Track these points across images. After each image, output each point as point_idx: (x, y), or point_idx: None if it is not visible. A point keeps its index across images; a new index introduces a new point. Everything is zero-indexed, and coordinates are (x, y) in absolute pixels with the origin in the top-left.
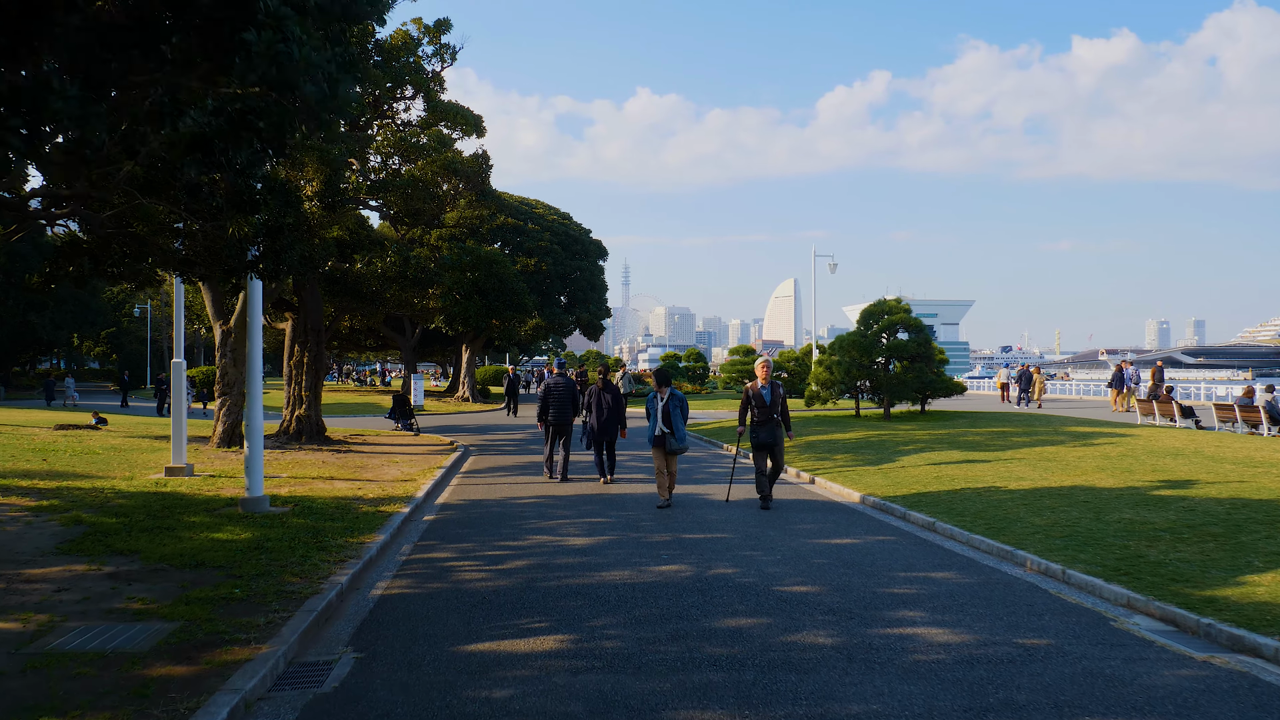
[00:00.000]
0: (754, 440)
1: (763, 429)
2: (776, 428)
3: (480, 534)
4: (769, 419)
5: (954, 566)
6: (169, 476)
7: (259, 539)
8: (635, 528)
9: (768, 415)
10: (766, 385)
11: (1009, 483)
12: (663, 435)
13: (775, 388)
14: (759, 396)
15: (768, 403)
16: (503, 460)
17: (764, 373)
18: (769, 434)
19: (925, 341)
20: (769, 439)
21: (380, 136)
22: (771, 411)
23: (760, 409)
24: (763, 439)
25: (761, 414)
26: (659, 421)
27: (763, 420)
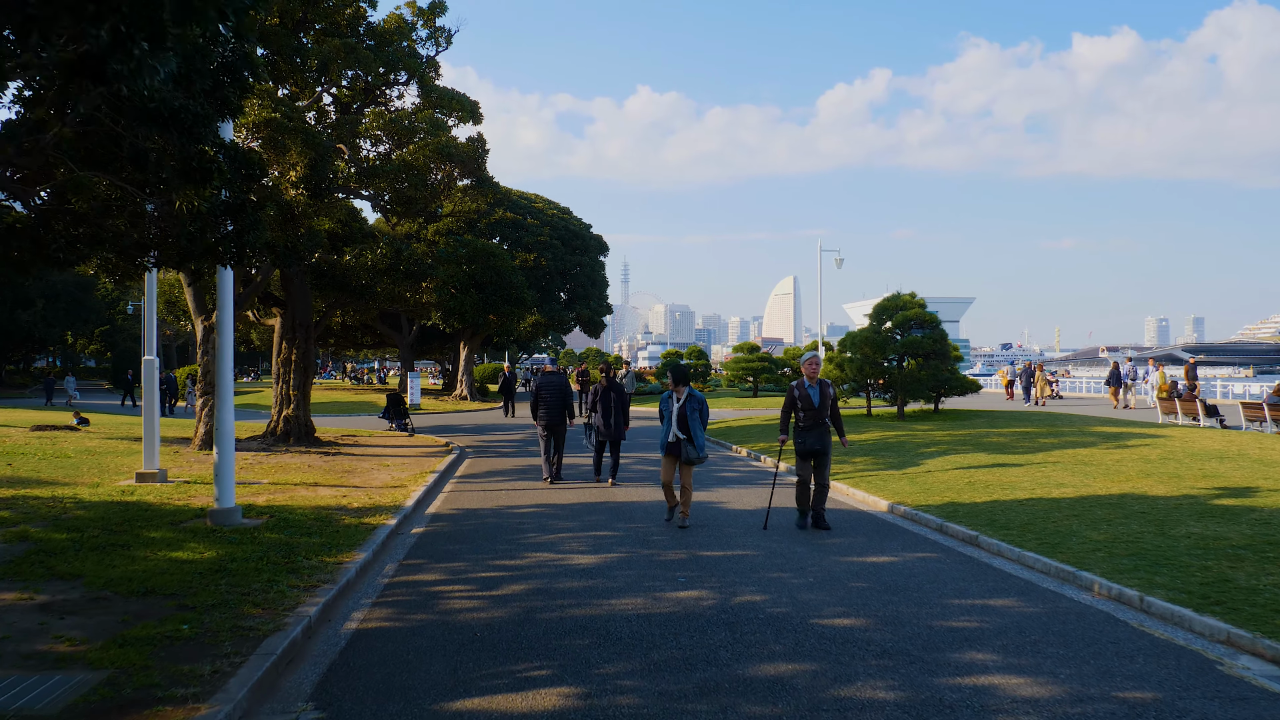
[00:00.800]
0: (799, 446)
1: (810, 434)
2: (826, 433)
3: (474, 550)
4: (817, 423)
5: (1012, 591)
6: (139, 483)
7: (223, 559)
8: (646, 543)
9: (816, 419)
10: (815, 385)
11: (1050, 490)
12: (678, 442)
13: (825, 387)
14: (806, 397)
15: (816, 404)
16: (500, 463)
17: (812, 370)
18: (817, 440)
19: (941, 338)
20: (817, 445)
21: (370, 119)
22: (821, 414)
23: (808, 411)
24: (810, 445)
25: (809, 417)
26: (674, 425)
27: (810, 424)
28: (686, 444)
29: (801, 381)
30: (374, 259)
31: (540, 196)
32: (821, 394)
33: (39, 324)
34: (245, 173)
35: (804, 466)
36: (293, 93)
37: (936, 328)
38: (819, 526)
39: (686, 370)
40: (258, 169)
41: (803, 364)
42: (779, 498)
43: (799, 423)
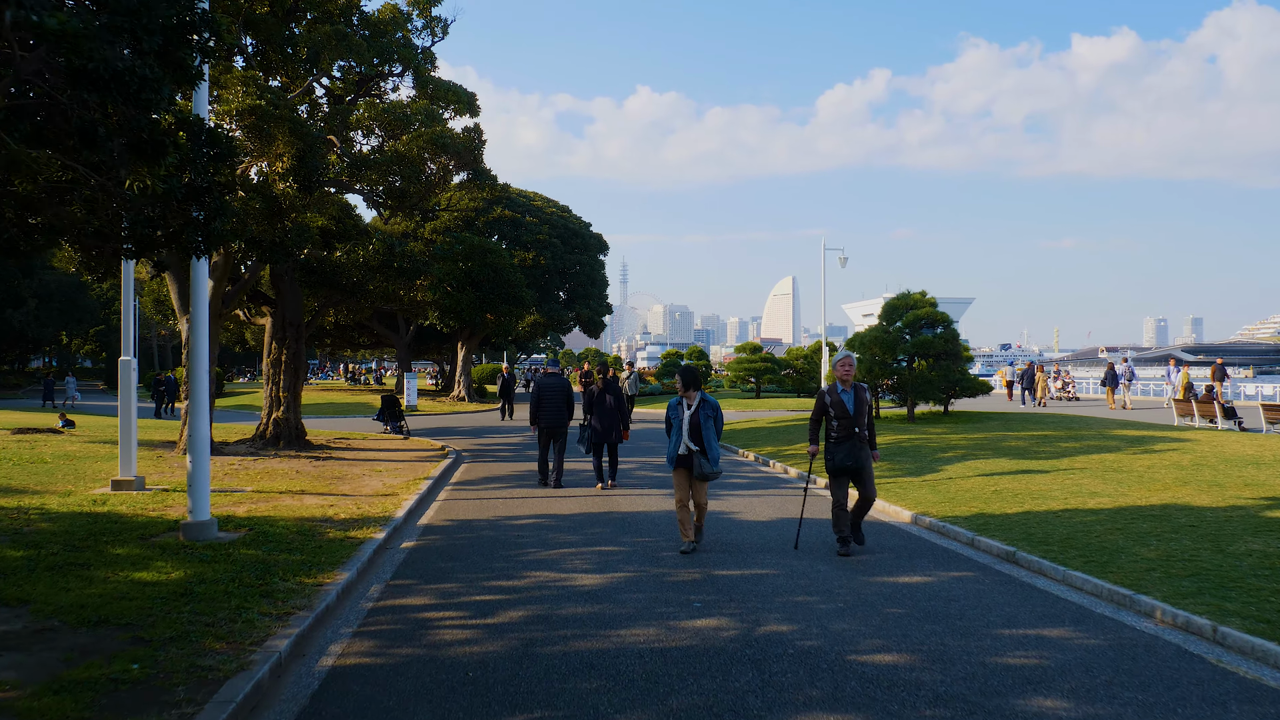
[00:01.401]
0: (831, 463)
1: (844, 448)
2: (862, 446)
3: (468, 568)
4: (852, 434)
5: (1065, 618)
6: (114, 491)
7: (191, 580)
8: (655, 559)
9: (850, 430)
10: (849, 390)
11: (1084, 500)
12: (689, 454)
13: (860, 392)
14: (839, 404)
15: (851, 412)
16: (497, 469)
17: (845, 373)
18: (851, 454)
19: (952, 337)
20: (852, 461)
21: (363, 109)
22: (855, 424)
23: (841, 421)
24: (843, 461)
25: (843, 428)
26: (684, 436)
27: (844, 436)
28: (699, 456)
29: (833, 386)
30: (366, 256)
31: (539, 195)
32: (857, 400)
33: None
34: (212, 151)
35: (839, 486)
36: (284, 84)
37: (948, 327)
38: (856, 540)
39: (698, 373)
40: (226, 148)
41: (834, 366)
42: (811, 508)
43: (830, 434)
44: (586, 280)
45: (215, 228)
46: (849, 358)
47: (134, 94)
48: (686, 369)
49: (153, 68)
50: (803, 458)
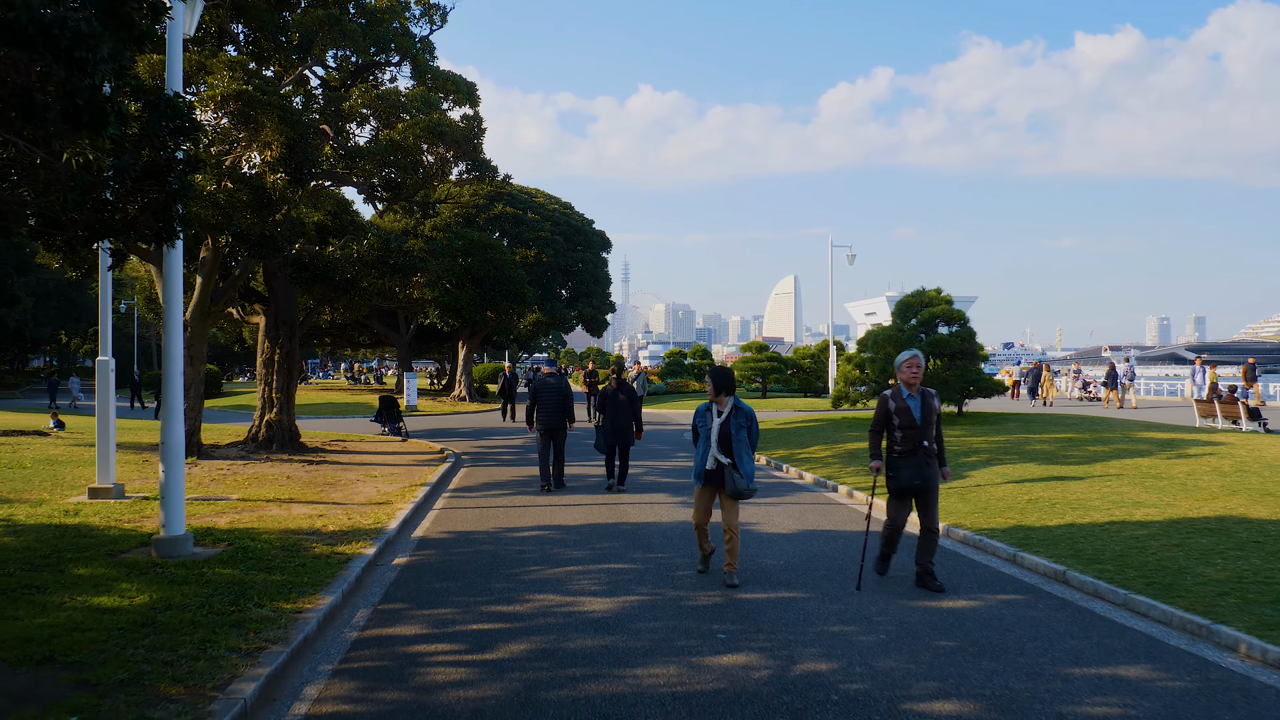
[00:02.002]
0: (895, 481)
1: (910, 463)
2: (930, 462)
3: (465, 589)
4: (918, 448)
5: (1139, 653)
6: (90, 500)
7: (156, 606)
8: (671, 579)
9: (918, 442)
10: (916, 395)
11: (1130, 511)
12: (719, 469)
13: (928, 398)
14: (905, 411)
15: (919, 422)
16: (498, 473)
17: (913, 375)
18: (918, 471)
19: (969, 336)
20: (919, 479)
21: (356, 95)
22: (923, 436)
23: (907, 431)
24: (909, 479)
25: (908, 439)
26: (714, 447)
27: (911, 449)
28: (731, 471)
29: (898, 389)
30: (360, 251)
31: (541, 191)
32: (925, 408)
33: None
34: (171, 124)
35: (900, 508)
36: (277, 73)
37: (964, 325)
38: (926, 585)
39: (732, 376)
40: (187, 120)
41: (900, 366)
42: (833, 519)
43: (894, 446)
44: (589, 278)
45: (179, 212)
46: (916, 357)
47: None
48: (719, 370)
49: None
50: (819, 462)
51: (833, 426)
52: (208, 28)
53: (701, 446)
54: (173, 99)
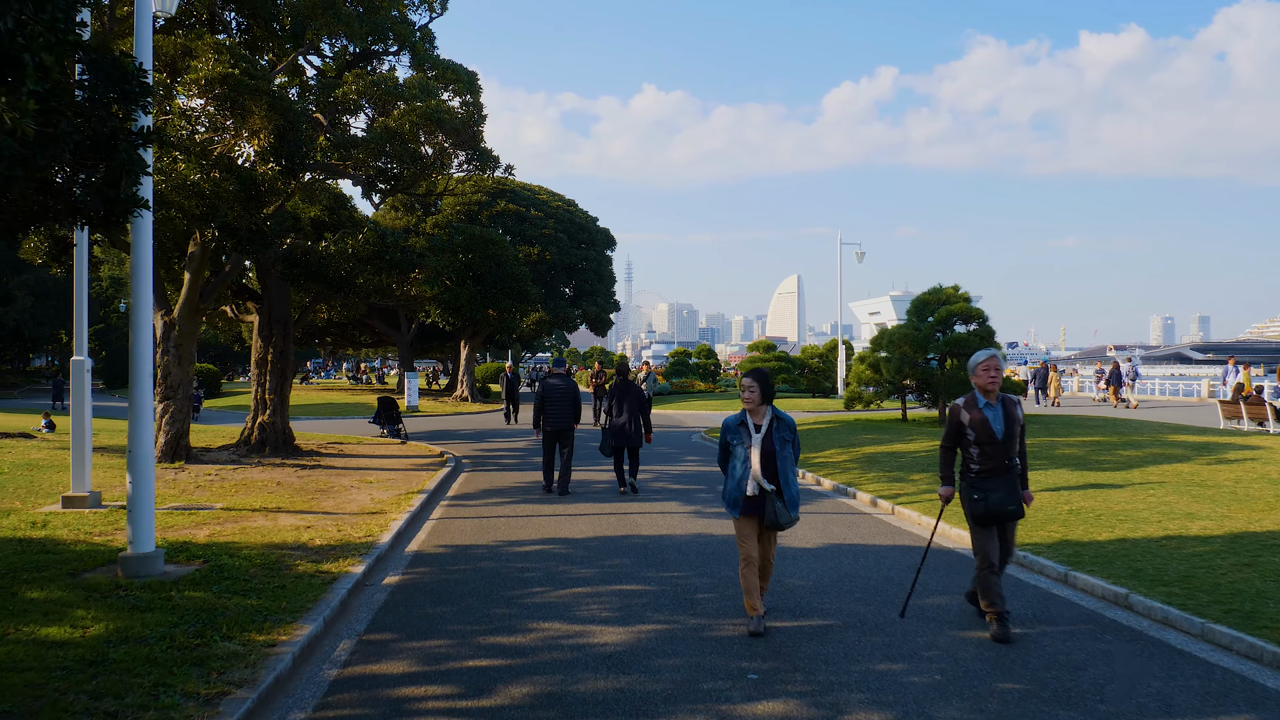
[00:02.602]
0: (981, 505)
1: (994, 484)
2: (1014, 483)
3: (462, 616)
4: (1003, 467)
5: (1237, 699)
6: (63, 509)
7: (111, 638)
8: (689, 604)
9: (1000, 460)
10: (996, 404)
11: (1185, 524)
12: (761, 496)
13: (1011, 407)
14: (983, 424)
15: (1000, 436)
16: (500, 479)
17: (992, 380)
18: (1008, 493)
19: (987, 335)
20: (1010, 504)
21: (350, 81)
22: (1006, 453)
23: (986, 447)
24: (998, 503)
25: (989, 456)
26: (754, 467)
27: (992, 469)
28: (774, 499)
29: (973, 398)
30: (355, 246)
31: (544, 188)
32: (1008, 419)
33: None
34: (118, 90)
35: (987, 537)
36: (270, 63)
37: (983, 324)
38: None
39: (770, 379)
40: (137, 83)
41: (976, 370)
42: (858, 530)
43: (969, 466)
44: (593, 276)
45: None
46: (994, 358)
47: None
48: (761, 374)
49: None
50: (836, 467)
51: (847, 429)
52: (197, 12)
53: (738, 468)
54: (119, 58)
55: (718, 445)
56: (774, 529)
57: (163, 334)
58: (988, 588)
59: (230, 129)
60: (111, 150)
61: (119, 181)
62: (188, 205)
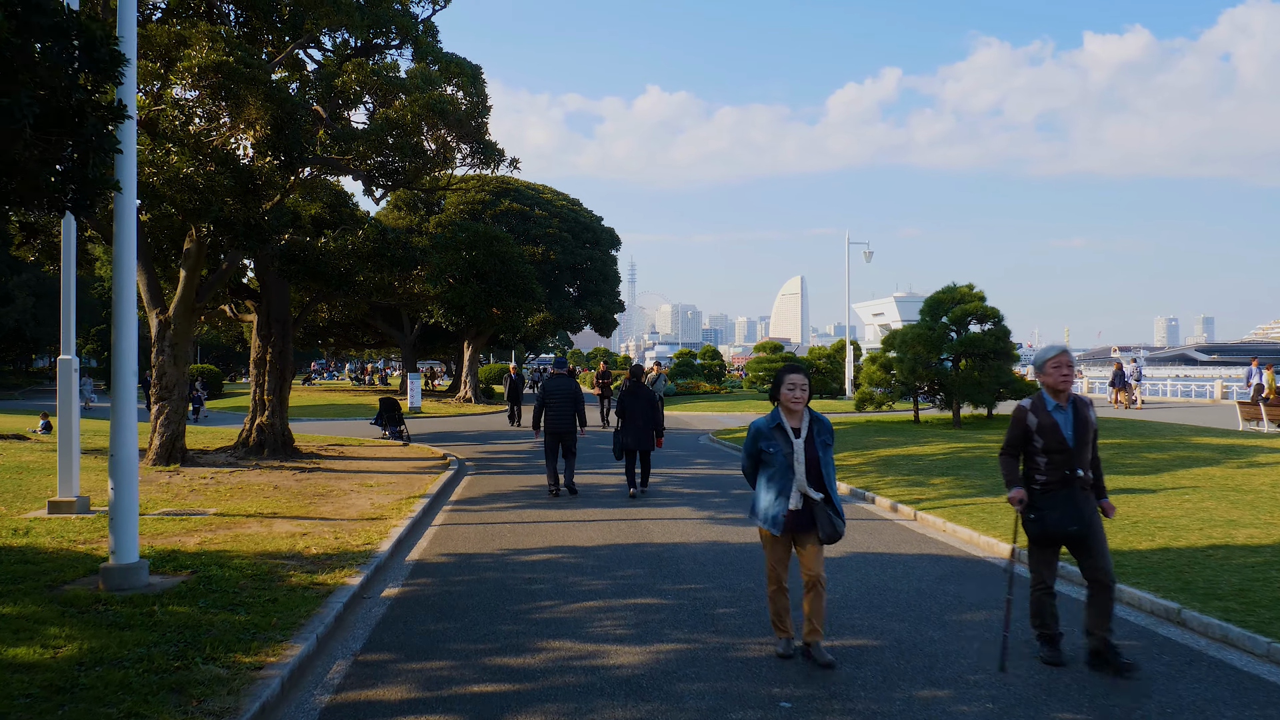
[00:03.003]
0: (1038, 525)
1: (1057, 500)
2: (1086, 498)
3: (465, 633)
4: (1070, 478)
5: None
6: (49, 515)
7: (85, 660)
8: (709, 620)
9: (1070, 469)
10: (1066, 406)
11: (1228, 532)
12: (806, 510)
13: (1083, 409)
14: (1051, 428)
15: (1070, 443)
16: (504, 482)
17: (1065, 379)
18: (1072, 512)
19: (1003, 335)
20: (1075, 523)
21: (350, 70)
22: (1076, 461)
23: (1055, 455)
24: (1058, 523)
25: (1056, 467)
26: (798, 477)
27: (1058, 480)
28: (824, 509)
29: (1039, 399)
30: (355, 243)
31: (549, 187)
32: (1079, 422)
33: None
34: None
35: (1047, 562)
36: (270, 55)
37: (999, 323)
38: (1109, 666)
39: (806, 373)
40: (106, 51)
41: (1045, 367)
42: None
43: (1034, 475)
44: (598, 276)
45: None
46: (1065, 355)
47: None
48: (789, 369)
49: None
50: (852, 470)
51: (859, 430)
52: (194, 4)
53: (774, 479)
54: (84, 22)
55: (743, 453)
56: (830, 541)
57: (158, 333)
58: (1040, 609)
59: (225, 120)
60: (78, 126)
61: (87, 161)
62: (181, 199)
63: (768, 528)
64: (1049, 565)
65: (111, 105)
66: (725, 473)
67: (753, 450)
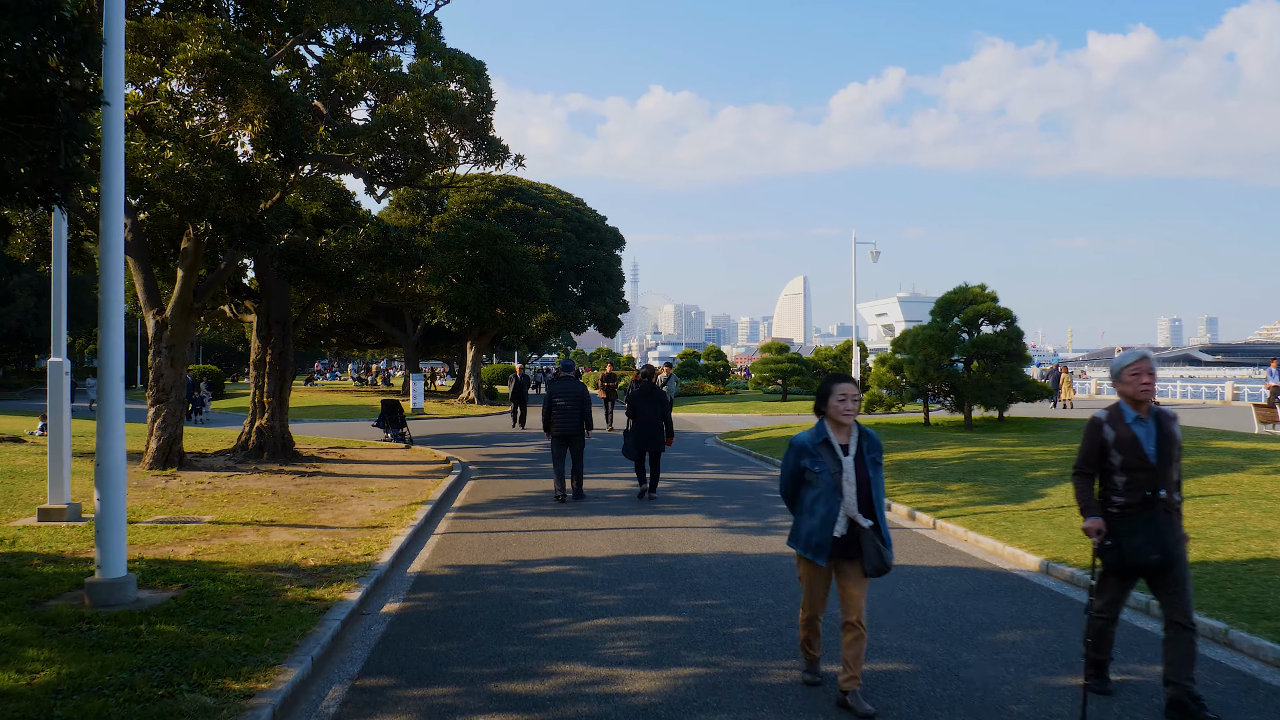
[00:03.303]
0: (1115, 553)
1: (1141, 522)
2: (1172, 523)
3: (470, 655)
4: (1152, 500)
5: None
6: (39, 523)
7: (61, 688)
8: (730, 642)
9: (1152, 489)
10: (1148, 418)
11: (1267, 543)
12: (853, 537)
13: (1167, 423)
14: (1130, 443)
15: (1153, 460)
16: (509, 487)
17: (1145, 388)
18: (1155, 538)
19: (1016, 336)
20: (1157, 551)
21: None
22: (1159, 481)
23: (1136, 474)
24: (1139, 552)
25: (1136, 487)
26: (846, 499)
27: (1139, 503)
28: (871, 538)
29: (1118, 410)
30: (356, 242)
31: (552, 187)
32: (1163, 437)
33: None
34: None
35: (1116, 592)
36: (270, 50)
37: (1011, 324)
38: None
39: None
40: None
41: (1123, 375)
42: None
43: (1111, 497)
44: (602, 276)
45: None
46: (1146, 361)
47: None
48: (844, 376)
49: None
50: None
51: None
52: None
53: (820, 501)
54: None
55: (783, 472)
56: (877, 574)
57: (155, 334)
58: (1101, 636)
59: (223, 116)
60: (49, 113)
61: (57, 150)
62: (176, 195)
63: (809, 556)
64: (1121, 598)
65: (86, 91)
66: (735, 478)
67: (795, 469)
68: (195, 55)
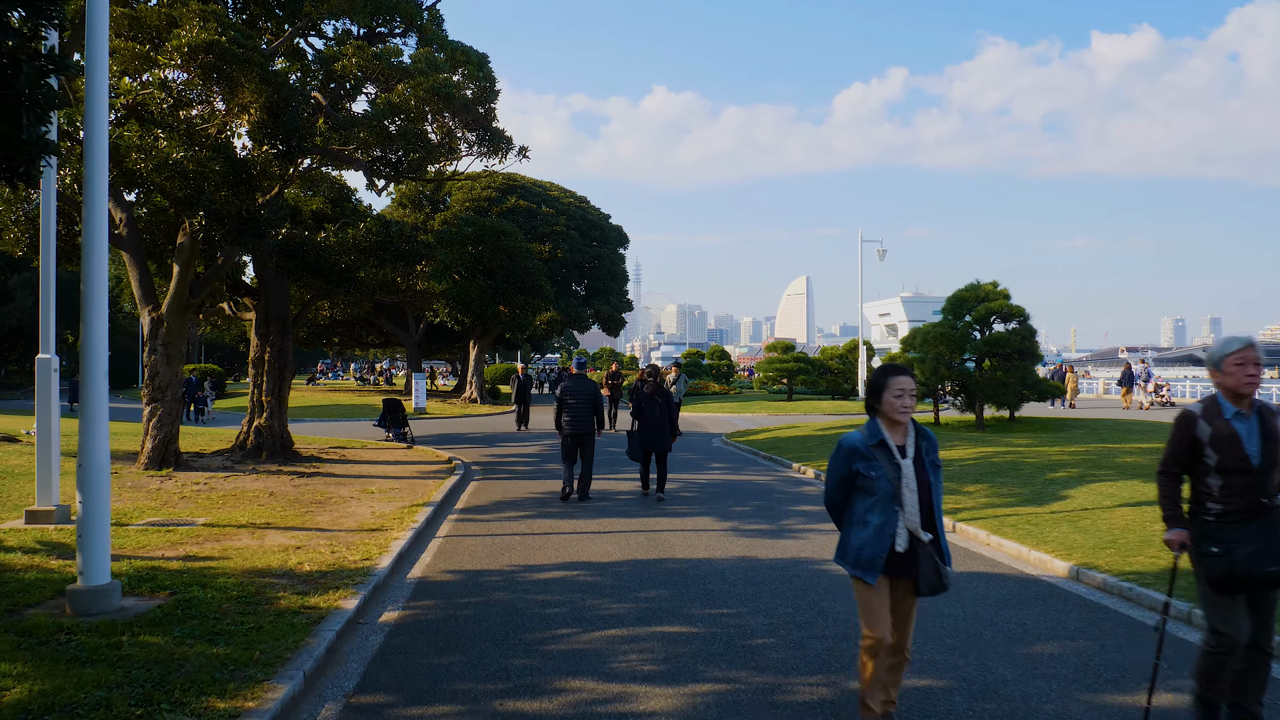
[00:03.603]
0: (1224, 563)
1: (1241, 532)
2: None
3: (473, 669)
4: (1256, 507)
5: None
6: (25, 525)
7: (33, 707)
8: (749, 655)
9: (1253, 496)
10: (1250, 414)
11: None
12: (911, 553)
13: (1270, 419)
14: (1230, 442)
15: (1256, 461)
16: (513, 488)
17: (1249, 380)
18: (1262, 547)
19: (1029, 334)
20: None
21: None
22: (1264, 486)
23: (1233, 477)
24: (1252, 563)
25: (1235, 491)
26: (905, 510)
27: (1245, 509)
28: (928, 554)
29: (1214, 403)
30: (357, 237)
31: (555, 184)
32: (1267, 436)
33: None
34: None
35: (1232, 611)
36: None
37: (1024, 322)
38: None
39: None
40: None
41: (1223, 365)
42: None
43: (1208, 501)
44: (606, 274)
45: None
46: (1252, 350)
47: None
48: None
49: None
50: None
51: None
52: None
53: (876, 511)
54: None
55: (830, 480)
56: (932, 594)
57: (150, 331)
58: (1216, 672)
59: (220, 106)
60: (10, 77)
61: (19, 118)
62: (170, 186)
63: (858, 574)
64: (1235, 619)
65: (52, 54)
66: (744, 479)
67: (846, 474)
68: (190, 42)
